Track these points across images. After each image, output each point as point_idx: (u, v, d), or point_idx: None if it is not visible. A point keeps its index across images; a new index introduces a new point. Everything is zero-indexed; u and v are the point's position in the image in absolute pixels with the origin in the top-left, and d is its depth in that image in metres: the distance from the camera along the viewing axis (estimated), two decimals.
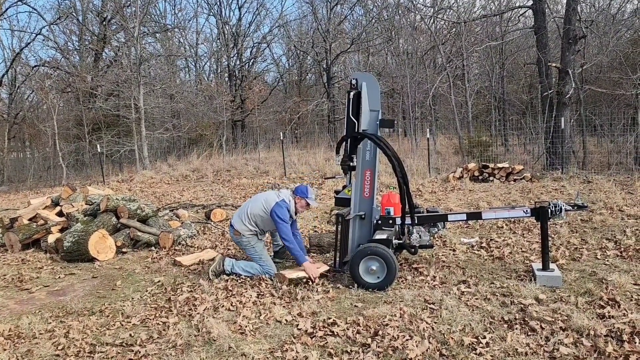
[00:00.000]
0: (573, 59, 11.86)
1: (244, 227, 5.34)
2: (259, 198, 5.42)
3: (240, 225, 5.35)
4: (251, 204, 5.41)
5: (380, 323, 4.00)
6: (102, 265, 6.29)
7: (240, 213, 5.43)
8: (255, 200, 5.45)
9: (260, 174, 15.34)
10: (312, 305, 4.47)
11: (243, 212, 5.40)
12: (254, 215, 5.34)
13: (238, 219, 5.38)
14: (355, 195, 5.31)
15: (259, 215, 5.33)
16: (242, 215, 5.38)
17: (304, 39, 28.05)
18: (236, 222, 5.38)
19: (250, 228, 5.35)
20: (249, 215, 5.34)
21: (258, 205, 5.34)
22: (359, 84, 5.25)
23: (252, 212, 5.35)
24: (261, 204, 5.33)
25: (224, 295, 4.82)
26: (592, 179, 10.66)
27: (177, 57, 27.73)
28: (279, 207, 5.24)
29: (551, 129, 12.17)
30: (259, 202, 5.35)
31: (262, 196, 5.45)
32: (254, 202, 5.41)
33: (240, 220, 5.36)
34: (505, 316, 4.02)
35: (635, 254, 5.63)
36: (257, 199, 5.45)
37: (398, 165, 4.90)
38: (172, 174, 16.72)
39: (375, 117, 5.24)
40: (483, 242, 6.43)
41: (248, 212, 5.35)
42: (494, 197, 9.63)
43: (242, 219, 5.36)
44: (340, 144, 5.29)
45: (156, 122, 22.39)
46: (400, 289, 4.81)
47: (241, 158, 19.67)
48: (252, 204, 5.41)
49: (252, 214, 5.34)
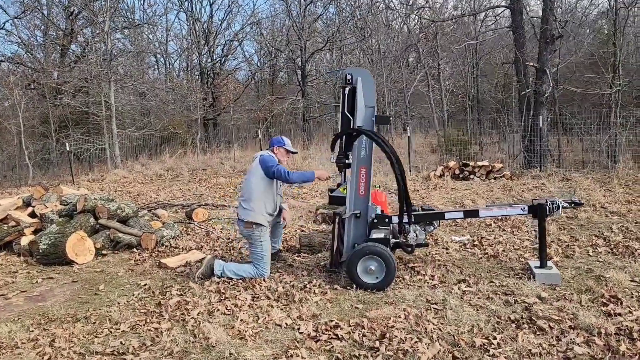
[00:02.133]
0: (550, 58, 12.02)
1: (256, 215, 5.03)
2: (248, 180, 5.14)
3: (251, 215, 5.02)
4: (247, 189, 5.09)
5: (385, 325, 3.88)
6: (82, 268, 5.98)
7: (245, 204, 5.08)
8: (247, 184, 5.13)
9: (237, 173, 15.06)
10: (311, 308, 4.32)
11: (248, 200, 5.06)
12: (256, 192, 5.04)
13: (245, 211, 5.05)
14: (351, 193, 5.17)
15: (258, 189, 5.03)
16: (248, 204, 5.05)
17: (278, 36, 27.76)
18: (245, 214, 5.05)
19: (263, 212, 5.07)
20: (254, 198, 5.04)
21: (252, 181, 5.06)
22: (353, 79, 5.11)
23: (254, 192, 5.04)
24: (253, 177, 5.06)
25: (217, 299, 4.61)
26: (570, 176, 10.81)
27: (146, 53, 27.09)
28: (263, 157, 5.08)
29: (529, 127, 12.30)
30: (251, 179, 5.08)
31: (247, 176, 5.19)
32: (247, 185, 5.10)
33: (248, 210, 5.04)
34: (512, 315, 3.95)
35: (626, 250, 5.67)
36: (246, 182, 5.15)
37: (396, 163, 4.78)
38: (145, 173, 16.27)
39: (371, 113, 5.11)
40: (474, 240, 6.39)
41: (252, 197, 5.04)
42: (476, 194, 9.65)
43: (250, 207, 5.03)
44: (335, 141, 5.14)
45: (127, 119, 21.78)
46: (399, 289, 4.70)
47: (216, 157, 19.31)
48: (248, 188, 5.09)
49: (255, 192, 5.04)
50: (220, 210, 9.34)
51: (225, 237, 7.08)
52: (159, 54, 30.56)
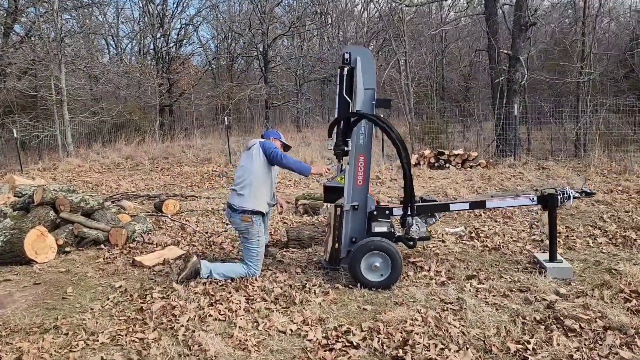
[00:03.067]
0: (523, 46, 11.94)
1: (257, 202, 4.56)
2: (246, 167, 4.62)
3: (253, 202, 4.54)
4: (247, 175, 4.56)
5: (402, 329, 3.51)
6: (43, 268, 5.32)
7: (244, 190, 4.55)
8: (245, 170, 4.61)
9: (201, 162, 14.36)
10: (315, 310, 3.90)
11: (248, 186, 4.54)
12: (257, 178, 4.55)
13: (243, 198, 4.54)
14: (349, 183, 4.75)
15: (260, 175, 4.56)
16: (249, 190, 4.53)
17: (239, 20, 26.83)
18: (244, 202, 4.53)
19: (265, 199, 4.64)
20: (255, 185, 4.54)
21: (252, 167, 4.56)
22: (352, 58, 4.68)
23: (255, 178, 4.54)
24: (253, 163, 4.56)
25: (207, 302, 4.11)
26: (545, 165, 10.77)
27: (97, 35, 25.65)
28: (266, 143, 4.63)
29: (502, 116, 12.21)
30: (250, 165, 4.57)
31: (244, 163, 4.67)
32: (247, 171, 4.58)
33: (247, 197, 4.53)
34: (536, 315, 3.65)
35: (625, 241, 5.53)
36: (244, 169, 4.63)
37: (403, 150, 4.40)
38: (102, 161, 15.31)
39: (371, 96, 4.68)
40: (470, 232, 6.12)
41: (254, 183, 4.54)
42: (456, 184, 9.44)
43: (250, 193, 4.53)
44: (333, 126, 4.70)
45: (79, 105, 20.51)
46: (406, 287, 4.34)
47: (176, 145, 18.46)
48: (248, 174, 4.57)
49: (256, 178, 4.55)
50: (191, 202, 8.73)
51: (202, 231, 6.53)
52: (109, 37, 29.09)
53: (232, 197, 4.68)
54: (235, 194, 4.63)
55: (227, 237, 6.19)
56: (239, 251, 5.64)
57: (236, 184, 4.67)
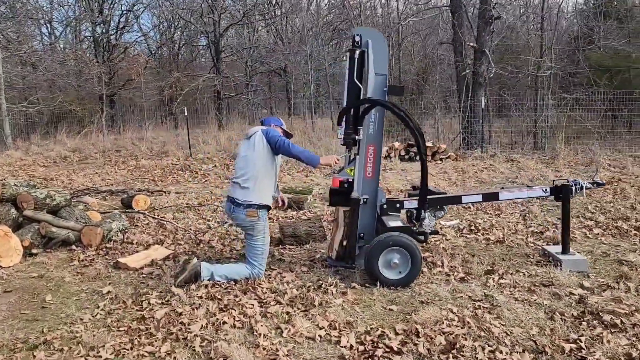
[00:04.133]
0: (489, 39, 12.05)
1: (264, 196, 4.19)
2: (250, 157, 4.19)
3: (259, 195, 4.15)
4: (251, 166, 4.14)
5: (441, 331, 3.27)
6: (11, 273, 4.70)
7: (249, 183, 4.13)
8: (249, 161, 4.17)
9: (158, 155, 13.62)
10: (339, 313, 3.59)
11: (253, 179, 4.13)
12: (263, 169, 4.16)
13: (248, 191, 4.12)
14: (359, 175, 4.47)
15: (265, 165, 4.16)
16: (253, 183, 4.12)
17: (186, 7, 25.76)
18: (249, 196, 4.12)
19: (270, 192, 4.30)
20: (260, 176, 4.15)
21: (256, 157, 4.14)
22: (362, 41, 4.39)
23: (260, 169, 4.14)
24: (257, 153, 4.15)
25: (217, 307, 3.71)
26: (513, 158, 10.91)
27: (32, 19, 23.92)
28: (269, 130, 4.23)
29: (467, 108, 12.29)
30: (254, 155, 4.15)
31: (246, 153, 4.25)
32: (251, 162, 4.15)
33: (253, 190, 4.12)
34: (571, 311, 3.52)
35: (619, 231, 5.57)
36: (247, 160, 4.20)
37: (422, 141, 4.15)
38: (46, 154, 14.21)
39: (382, 82, 4.41)
40: (463, 224, 5.99)
41: (259, 174, 4.13)
42: (432, 176, 9.37)
43: (256, 186, 4.13)
44: (344, 113, 4.39)
45: (16, 93, 19.03)
46: (425, 284, 4.12)
47: (124, 137, 17.46)
48: (252, 165, 4.14)
49: (262, 169, 4.15)
50: (159, 197, 8.16)
51: (184, 228, 6.05)
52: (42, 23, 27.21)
53: (235, 190, 4.26)
54: (238, 187, 4.22)
55: (215, 235, 5.76)
56: (231, 249, 5.25)
57: (238, 177, 4.25)
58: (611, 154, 10.71)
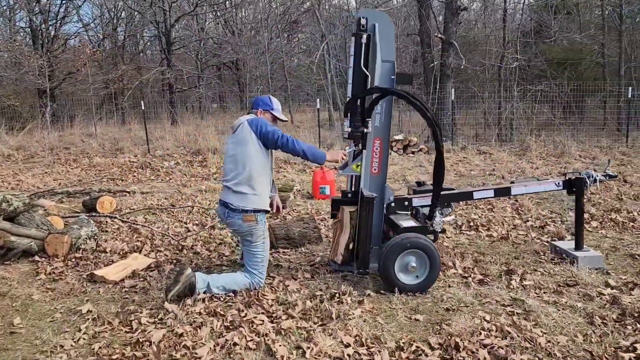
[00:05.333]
0: (456, 30, 11.94)
1: (261, 200, 3.72)
2: (240, 155, 3.68)
3: (256, 200, 3.68)
4: (244, 166, 3.64)
5: (480, 343, 2.95)
6: None
7: (243, 187, 3.64)
8: (240, 160, 3.66)
9: (112, 152, 12.74)
10: (361, 326, 3.22)
11: (248, 181, 3.65)
12: (257, 168, 3.67)
13: (245, 196, 3.65)
14: (366, 171, 4.11)
15: (259, 164, 3.68)
16: (249, 186, 3.64)
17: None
18: (246, 201, 3.64)
19: (267, 195, 3.83)
20: (255, 177, 3.66)
21: (248, 155, 3.64)
22: (368, 24, 4.01)
23: (254, 169, 3.65)
24: (248, 150, 3.65)
25: (221, 325, 3.25)
26: (485, 150, 10.85)
27: None
28: (256, 121, 3.71)
29: (436, 100, 12.16)
30: (245, 152, 3.65)
31: (234, 152, 3.72)
32: (243, 161, 3.65)
33: (249, 195, 3.65)
34: (610, 314, 3.29)
35: (615, 224, 5.50)
36: (237, 158, 3.69)
37: (440, 133, 3.82)
38: None
39: (390, 69, 4.06)
40: (460, 220, 5.75)
41: (254, 175, 3.65)
42: (409, 170, 9.15)
43: (252, 189, 3.65)
44: (350, 104, 4.00)
45: None
46: (443, 289, 3.81)
47: (70, 134, 16.28)
48: (245, 165, 3.64)
49: (255, 168, 3.66)
50: (123, 198, 7.50)
51: (161, 232, 5.49)
52: None
53: (227, 194, 3.77)
54: (231, 192, 3.72)
55: (198, 239, 5.24)
56: (220, 255, 4.77)
57: (229, 179, 3.75)
58: (578, 145, 10.83)
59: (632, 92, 11.62)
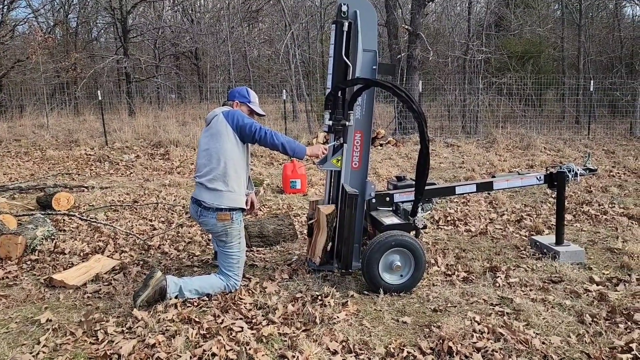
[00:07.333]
0: (422, 21, 11.87)
1: (237, 197, 3.48)
2: (216, 149, 3.44)
3: (232, 197, 3.45)
4: (219, 161, 3.40)
5: (473, 346, 2.82)
6: None
7: (218, 183, 3.40)
8: (216, 155, 3.42)
9: (66, 145, 12.10)
10: (347, 331, 3.04)
11: (223, 177, 3.41)
12: (232, 164, 3.43)
13: (220, 194, 3.41)
14: (346, 166, 3.92)
15: (234, 159, 3.44)
16: (224, 182, 3.41)
17: None
18: (221, 199, 3.41)
19: (243, 192, 3.57)
20: (231, 173, 3.42)
21: (223, 149, 3.41)
22: (349, 11, 3.81)
23: (229, 164, 3.41)
24: (223, 144, 3.42)
25: (197, 334, 3.01)
26: (452, 143, 10.86)
27: None
28: (232, 113, 3.50)
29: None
30: (220, 147, 3.42)
31: (208, 146, 3.49)
32: (217, 156, 3.41)
33: (224, 192, 3.41)
34: (599, 311, 3.22)
35: (589, 217, 5.53)
36: (212, 153, 3.45)
37: (425, 125, 3.66)
38: None
39: (371, 59, 3.87)
40: (436, 214, 5.65)
41: (229, 171, 3.41)
42: (379, 162, 9.03)
43: (227, 186, 3.41)
44: (332, 96, 3.78)
45: None
46: (428, 287, 3.68)
47: (24, 125, 15.44)
48: (219, 160, 3.40)
49: (231, 164, 3.42)
50: (81, 193, 7.06)
51: (125, 231, 5.15)
52: None
53: (200, 191, 3.51)
54: (204, 189, 3.47)
55: (165, 238, 4.94)
56: (189, 255, 4.49)
57: (202, 175, 3.49)
58: (543, 137, 10.99)
59: (594, 85, 11.86)
